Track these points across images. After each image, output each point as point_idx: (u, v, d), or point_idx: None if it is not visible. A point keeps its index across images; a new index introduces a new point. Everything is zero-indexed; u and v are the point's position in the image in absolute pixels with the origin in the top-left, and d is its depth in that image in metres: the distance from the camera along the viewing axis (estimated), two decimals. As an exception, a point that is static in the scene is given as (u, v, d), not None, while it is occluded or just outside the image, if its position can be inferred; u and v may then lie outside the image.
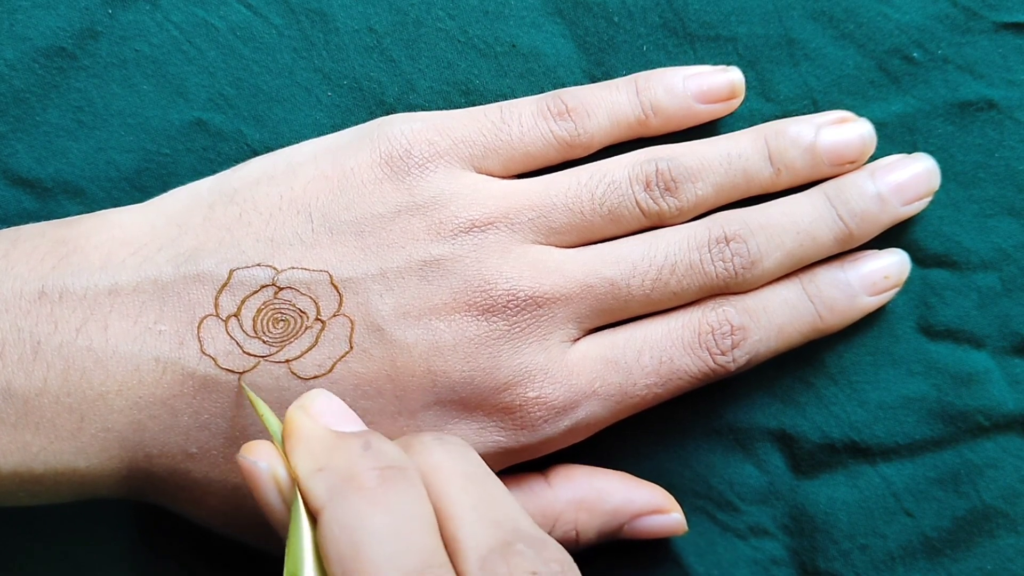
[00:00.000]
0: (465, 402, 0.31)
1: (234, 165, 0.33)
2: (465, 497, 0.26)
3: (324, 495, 0.25)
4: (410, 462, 0.26)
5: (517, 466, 0.33)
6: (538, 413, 0.31)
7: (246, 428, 0.30)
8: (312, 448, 0.26)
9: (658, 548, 0.36)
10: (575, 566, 0.26)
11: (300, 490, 0.25)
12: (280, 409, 0.29)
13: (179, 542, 0.35)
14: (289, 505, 0.26)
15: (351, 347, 0.30)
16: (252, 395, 0.28)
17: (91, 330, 0.29)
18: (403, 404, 0.30)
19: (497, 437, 0.31)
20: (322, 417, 0.27)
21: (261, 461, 0.26)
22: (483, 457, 0.31)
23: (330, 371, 0.30)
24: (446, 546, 0.25)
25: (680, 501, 0.34)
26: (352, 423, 0.28)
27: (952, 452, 0.36)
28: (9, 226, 0.31)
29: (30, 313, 0.29)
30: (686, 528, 0.34)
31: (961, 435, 0.36)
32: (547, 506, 0.33)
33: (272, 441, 0.27)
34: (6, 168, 0.35)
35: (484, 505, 0.26)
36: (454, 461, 0.27)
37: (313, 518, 0.25)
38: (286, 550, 0.25)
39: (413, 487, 0.25)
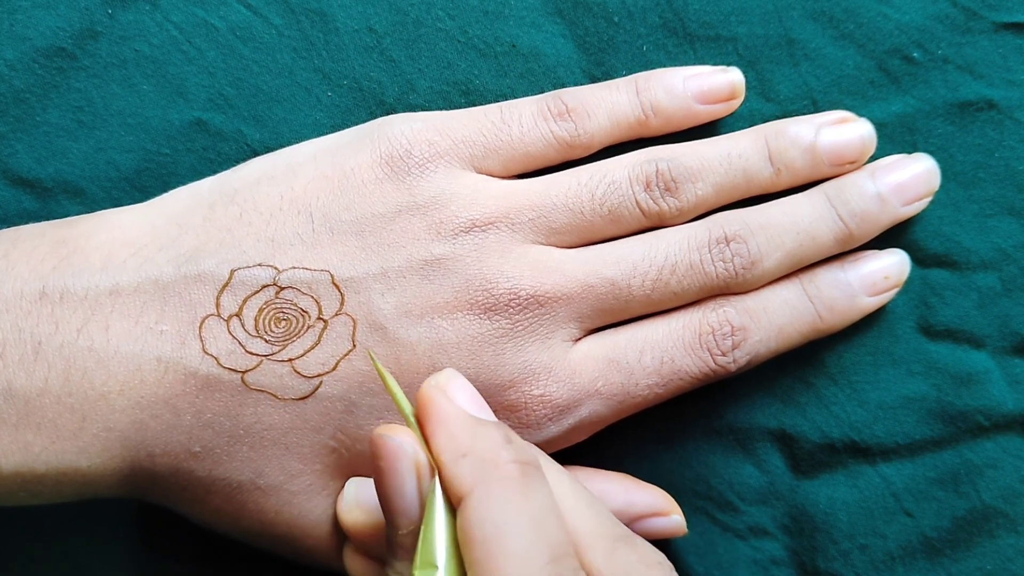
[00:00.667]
0: None
1: (234, 165, 0.33)
2: (576, 494, 0.27)
3: (470, 480, 0.25)
4: (539, 458, 0.27)
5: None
6: (542, 411, 0.31)
7: (250, 427, 0.30)
8: (455, 433, 0.26)
9: (658, 549, 0.36)
10: None
11: (442, 475, 0.25)
12: (285, 411, 0.30)
13: (179, 543, 0.35)
14: (424, 493, 0.26)
15: (354, 345, 0.30)
16: (383, 370, 0.27)
17: (92, 330, 0.29)
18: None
19: None
20: (459, 399, 0.27)
21: (406, 444, 0.26)
22: None
23: (334, 369, 0.30)
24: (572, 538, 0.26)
25: (680, 501, 0.34)
26: (484, 410, 0.28)
27: (952, 452, 0.36)
28: (9, 226, 0.31)
29: (31, 314, 0.29)
30: (686, 530, 0.34)
31: (961, 435, 0.36)
32: None
33: (410, 424, 0.27)
34: (6, 168, 0.34)
35: (596, 505, 0.27)
36: (558, 467, 0.28)
37: (450, 505, 0.25)
38: (420, 538, 0.25)
39: (545, 483, 0.25)
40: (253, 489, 0.30)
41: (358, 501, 0.30)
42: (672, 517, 0.34)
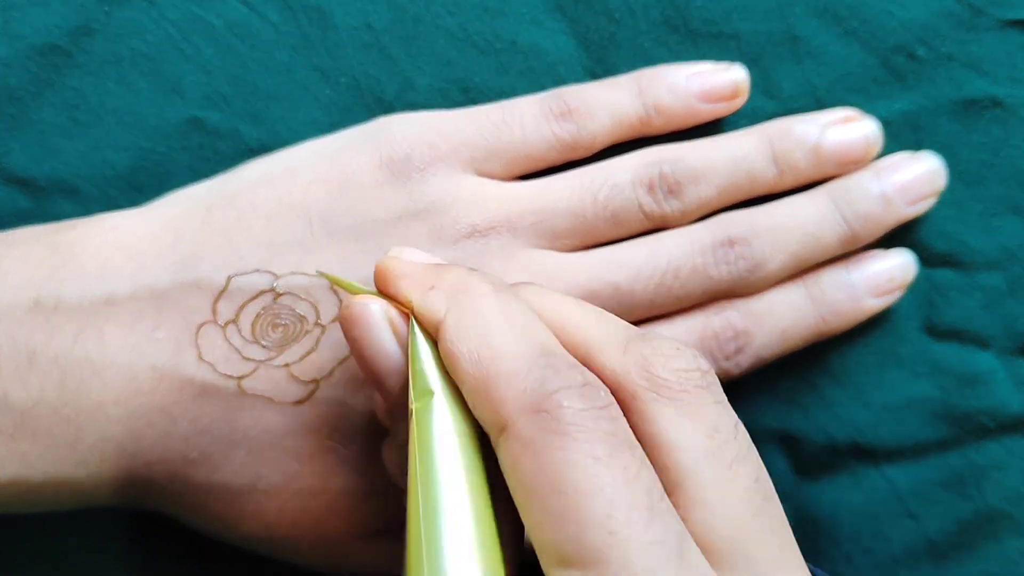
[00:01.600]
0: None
1: (231, 163, 0.33)
2: (583, 308, 0.26)
3: (443, 305, 0.25)
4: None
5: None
6: None
7: (247, 431, 0.30)
8: (418, 277, 0.26)
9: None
10: None
11: (416, 312, 0.25)
12: (280, 415, 0.30)
13: (178, 545, 0.35)
14: (403, 344, 0.26)
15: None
16: (333, 276, 0.28)
17: (87, 340, 0.29)
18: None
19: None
20: (415, 256, 0.27)
21: (372, 303, 0.26)
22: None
23: (331, 374, 0.30)
24: (576, 348, 0.25)
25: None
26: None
27: (956, 454, 0.36)
28: (3, 225, 0.31)
29: (24, 323, 0.29)
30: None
31: (966, 437, 0.36)
32: None
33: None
34: (0, 167, 0.34)
35: (602, 314, 0.26)
36: (550, 290, 0.27)
37: (432, 337, 0.25)
38: (409, 384, 0.25)
39: (519, 300, 0.25)
40: (253, 492, 0.30)
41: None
42: None
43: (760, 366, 0.33)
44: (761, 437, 0.36)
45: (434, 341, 0.25)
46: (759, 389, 0.36)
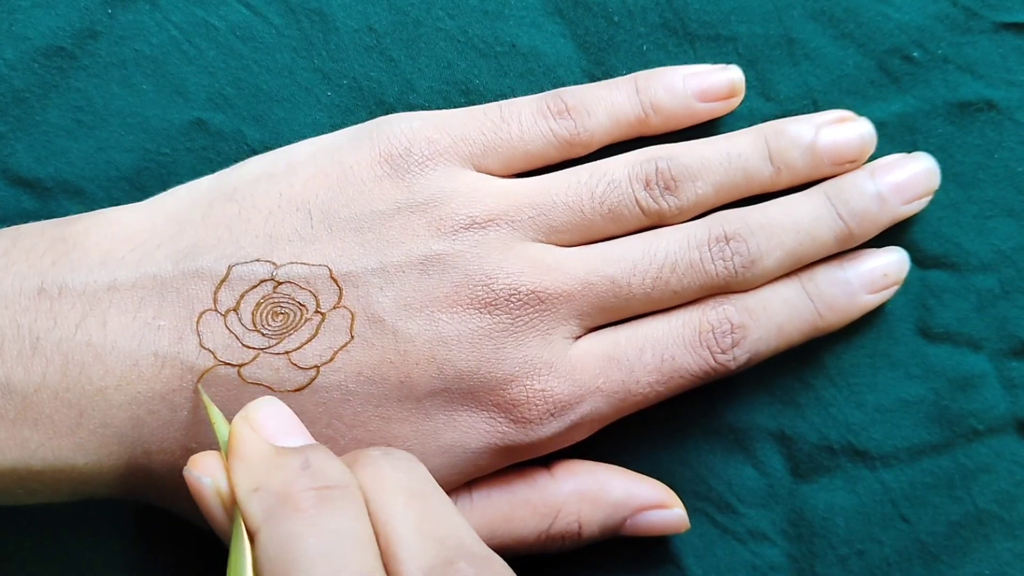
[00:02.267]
0: (472, 392, 0.31)
1: (234, 165, 0.33)
2: (408, 513, 0.26)
3: (260, 516, 0.24)
4: (352, 480, 0.26)
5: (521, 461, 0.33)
6: (543, 407, 0.31)
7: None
8: (251, 466, 0.26)
9: (657, 549, 0.36)
10: None
11: (239, 509, 0.25)
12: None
13: (179, 544, 0.35)
14: (233, 522, 0.25)
15: (352, 337, 0.30)
16: (207, 399, 0.28)
17: (90, 326, 0.29)
18: (408, 389, 0.31)
19: (505, 429, 0.31)
20: (265, 429, 0.27)
21: (204, 476, 0.26)
22: (490, 450, 0.31)
23: (331, 360, 0.30)
24: (387, 565, 0.25)
25: (680, 500, 0.34)
26: (297, 436, 0.27)
27: (947, 457, 0.36)
28: (9, 226, 0.31)
29: (29, 309, 0.29)
30: (688, 525, 0.34)
31: (956, 439, 0.36)
32: (550, 497, 0.33)
33: (221, 451, 0.27)
34: (6, 168, 0.35)
35: (428, 522, 0.26)
36: (399, 476, 0.27)
37: (252, 537, 0.25)
38: (228, 567, 0.25)
39: (351, 506, 0.25)
40: None
41: None
42: (674, 510, 0.34)
43: (757, 361, 0.34)
44: (757, 436, 0.36)
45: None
46: (756, 388, 0.36)
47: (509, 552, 0.32)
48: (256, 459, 0.26)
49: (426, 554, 0.25)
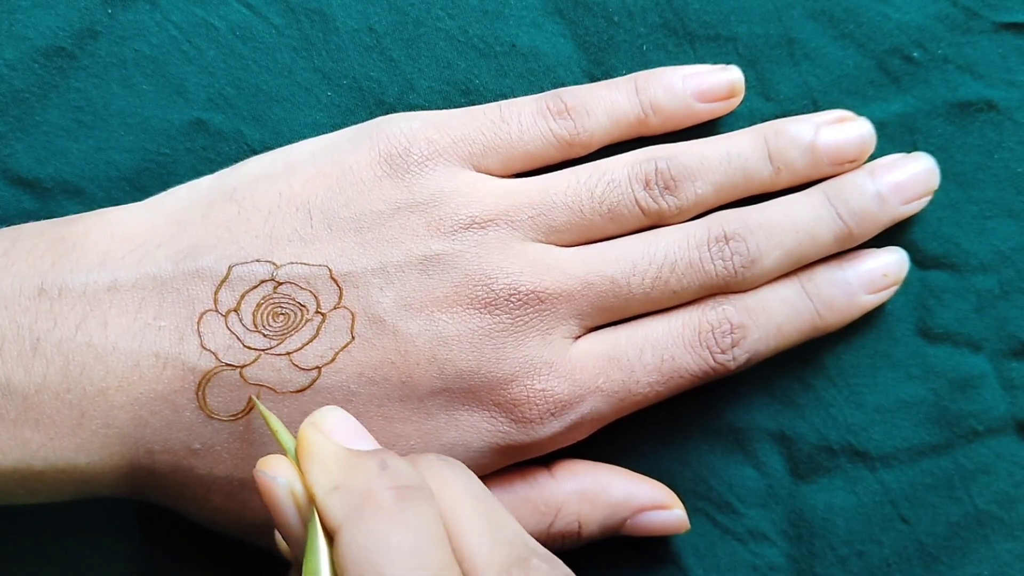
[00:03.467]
0: (473, 392, 0.31)
1: (233, 165, 0.33)
2: (477, 515, 0.26)
3: (341, 514, 0.24)
4: (425, 482, 0.26)
5: (521, 461, 0.33)
6: (544, 406, 0.31)
7: (249, 422, 0.30)
8: (328, 466, 0.26)
9: (657, 549, 0.36)
10: None
11: (317, 508, 0.25)
12: (283, 405, 0.30)
13: (181, 543, 0.35)
14: (306, 522, 0.26)
15: (352, 337, 0.30)
16: (265, 411, 0.28)
17: (90, 326, 0.29)
18: (409, 388, 0.31)
19: (507, 428, 0.31)
20: (335, 434, 0.27)
21: (280, 476, 0.26)
22: (491, 450, 0.31)
23: (332, 361, 0.30)
24: (461, 564, 0.25)
25: (680, 501, 0.34)
26: (366, 441, 0.27)
27: (947, 457, 0.36)
28: (9, 226, 0.31)
29: (29, 310, 0.29)
30: (688, 525, 0.34)
31: (956, 440, 0.36)
32: (550, 497, 0.33)
33: (287, 457, 0.27)
34: (6, 168, 0.35)
35: (495, 524, 0.26)
36: (462, 481, 0.27)
37: (330, 536, 0.25)
38: (303, 568, 0.25)
39: (428, 506, 0.25)
40: (256, 488, 0.30)
41: None
42: (674, 511, 0.34)
43: (756, 361, 0.34)
44: (757, 436, 0.36)
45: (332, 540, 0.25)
46: (755, 388, 0.36)
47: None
48: (332, 460, 0.26)
49: (500, 552, 0.25)
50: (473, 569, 0.25)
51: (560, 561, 0.26)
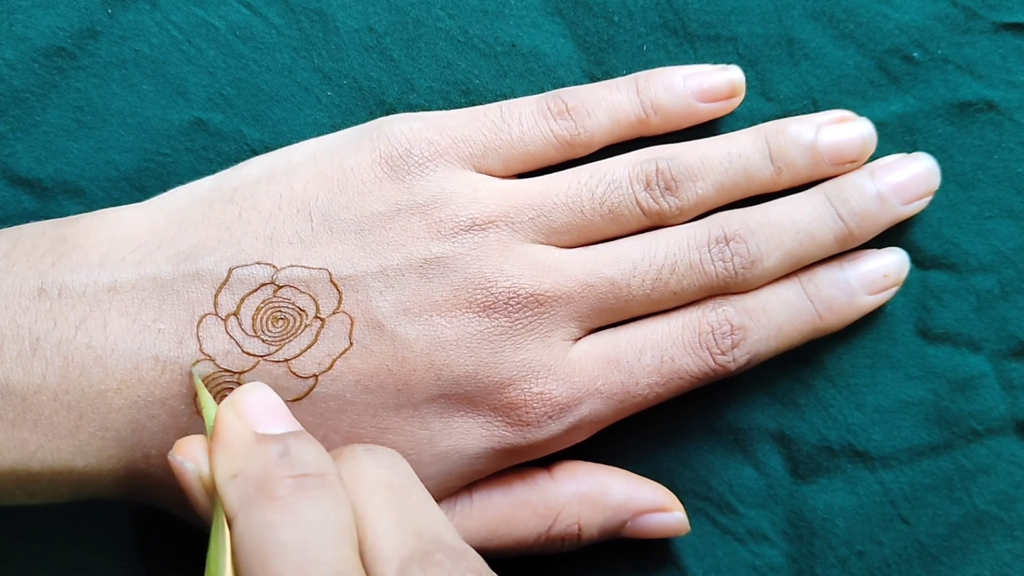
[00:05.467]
0: (470, 397, 0.31)
1: (234, 165, 0.33)
2: (387, 506, 0.26)
3: (237, 503, 0.24)
4: (331, 468, 0.26)
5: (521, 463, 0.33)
6: (542, 409, 0.31)
7: None
8: (231, 452, 0.26)
9: (657, 549, 0.36)
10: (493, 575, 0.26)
11: (219, 495, 0.25)
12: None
13: (179, 544, 0.35)
14: (213, 507, 0.26)
15: (351, 344, 0.30)
16: (199, 384, 0.28)
17: (90, 327, 0.29)
18: (405, 397, 0.31)
19: (503, 432, 0.31)
20: (249, 414, 0.27)
21: (188, 461, 0.26)
22: (488, 454, 0.31)
23: (329, 368, 0.30)
24: (364, 555, 0.25)
25: (680, 502, 0.34)
26: (280, 422, 0.27)
27: (947, 458, 0.36)
28: (9, 226, 0.31)
29: (29, 310, 0.29)
30: (688, 528, 0.34)
31: (956, 440, 0.36)
32: (550, 499, 0.33)
33: (207, 437, 0.27)
34: (6, 168, 0.35)
35: (406, 515, 0.26)
36: (380, 470, 0.27)
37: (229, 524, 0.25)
38: (208, 552, 0.25)
39: (328, 495, 0.25)
40: None
41: None
42: (674, 514, 0.34)
43: (757, 363, 0.34)
44: (757, 436, 0.36)
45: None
46: (756, 388, 0.36)
47: (509, 553, 0.32)
48: (236, 445, 0.26)
49: (405, 545, 0.25)
50: (373, 561, 0.25)
51: (474, 554, 0.26)
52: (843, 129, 0.34)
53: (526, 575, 0.35)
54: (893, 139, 0.36)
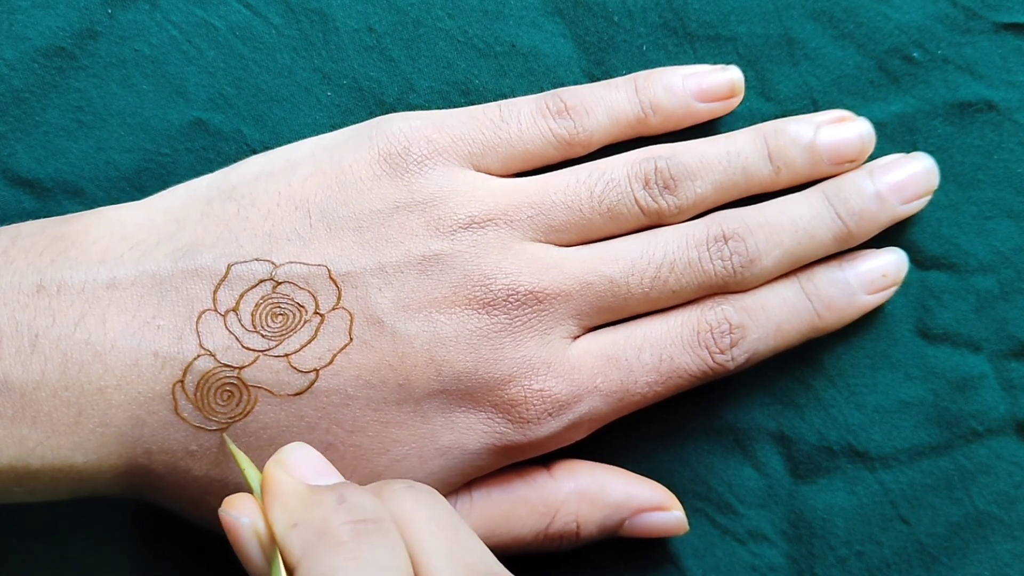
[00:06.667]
0: (471, 393, 0.31)
1: (233, 164, 0.33)
2: (437, 543, 0.26)
3: (299, 551, 0.25)
4: (385, 513, 0.26)
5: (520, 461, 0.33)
6: (541, 406, 0.31)
7: (247, 425, 0.30)
8: (287, 503, 0.26)
9: (657, 549, 0.36)
10: None
11: (278, 545, 0.25)
12: (281, 408, 0.30)
13: (179, 543, 0.35)
14: (270, 560, 0.26)
15: (351, 339, 0.30)
16: (234, 448, 0.28)
17: (89, 324, 0.29)
18: (407, 392, 0.31)
19: (503, 429, 0.31)
20: (297, 470, 0.27)
21: (243, 516, 0.26)
22: (488, 451, 0.31)
23: (330, 363, 0.30)
24: None
25: (680, 502, 0.34)
26: (329, 475, 0.28)
27: (946, 458, 0.36)
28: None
29: (28, 306, 0.29)
30: (687, 527, 0.34)
31: (956, 440, 0.36)
32: (549, 496, 0.33)
33: (253, 494, 0.27)
34: (6, 168, 0.35)
35: (456, 550, 0.26)
36: (424, 508, 0.27)
37: (291, 574, 0.25)
38: None
39: (387, 538, 0.25)
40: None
41: None
42: (673, 513, 0.34)
43: (755, 362, 0.34)
44: (757, 436, 0.36)
45: None
46: (755, 388, 0.36)
47: (507, 551, 0.32)
48: (292, 497, 0.26)
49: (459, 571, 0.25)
50: None
51: None
52: (842, 129, 0.34)
53: (527, 575, 0.35)
54: (893, 139, 0.36)
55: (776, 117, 0.35)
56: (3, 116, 0.35)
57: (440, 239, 0.31)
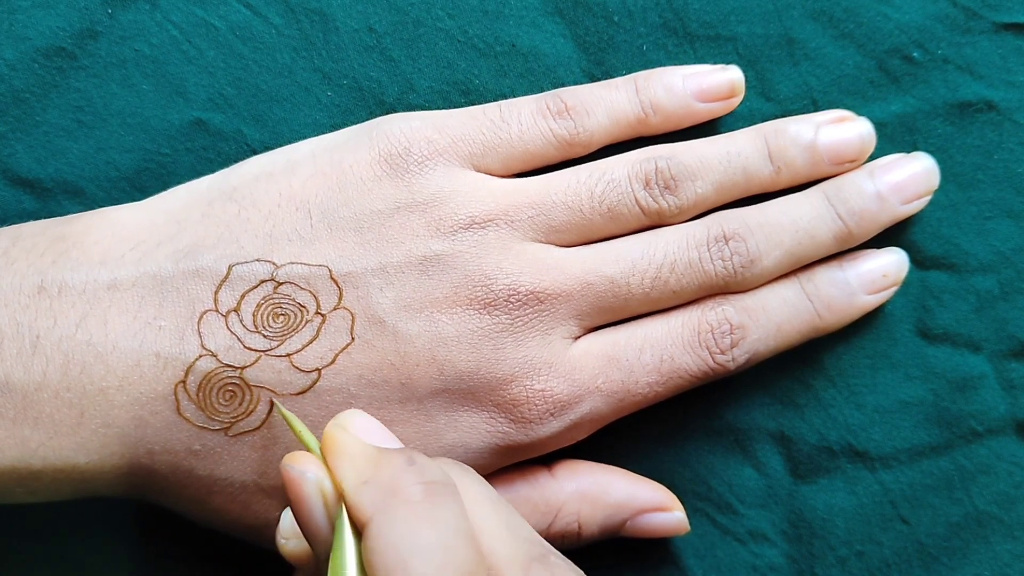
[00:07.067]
0: (473, 393, 0.31)
1: (233, 165, 0.33)
2: (495, 515, 0.26)
3: (370, 507, 0.24)
4: (451, 478, 0.26)
5: (522, 461, 0.33)
6: (543, 406, 0.31)
7: (251, 424, 0.30)
8: (356, 462, 0.26)
9: (657, 549, 0.36)
10: None
11: (346, 502, 0.25)
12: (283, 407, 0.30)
13: (179, 543, 0.35)
14: (332, 519, 0.26)
15: (352, 339, 0.30)
16: (286, 413, 0.28)
17: (91, 325, 0.29)
18: (409, 390, 0.31)
19: (506, 429, 0.31)
20: (361, 434, 0.27)
21: (309, 472, 0.26)
22: (491, 450, 0.31)
23: (332, 362, 0.30)
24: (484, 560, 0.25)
25: (680, 502, 0.34)
26: (391, 440, 0.28)
27: (947, 458, 0.36)
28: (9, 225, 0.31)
29: (29, 307, 0.29)
30: (688, 528, 0.34)
31: (956, 440, 0.36)
32: (551, 496, 0.33)
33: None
34: (6, 168, 0.35)
35: (513, 522, 0.27)
36: (479, 484, 0.27)
37: (358, 531, 0.25)
38: (329, 564, 0.25)
39: (456, 502, 0.25)
40: (256, 491, 0.30)
41: (294, 530, 0.29)
42: (674, 513, 0.34)
43: (756, 362, 0.34)
44: (757, 436, 0.36)
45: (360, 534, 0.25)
46: (755, 388, 0.36)
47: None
48: (360, 456, 0.26)
49: (520, 549, 0.26)
50: (496, 565, 0.25)
51: (571, 562, 0.27)
52: (842, 129, 0.34)
53: (525, 575, 0.35)
54: (893, 139, 0.36)
55: (776, 117, 0.35)
56: (3, 116, 0.35)
57: (441, 239, 0.31)
